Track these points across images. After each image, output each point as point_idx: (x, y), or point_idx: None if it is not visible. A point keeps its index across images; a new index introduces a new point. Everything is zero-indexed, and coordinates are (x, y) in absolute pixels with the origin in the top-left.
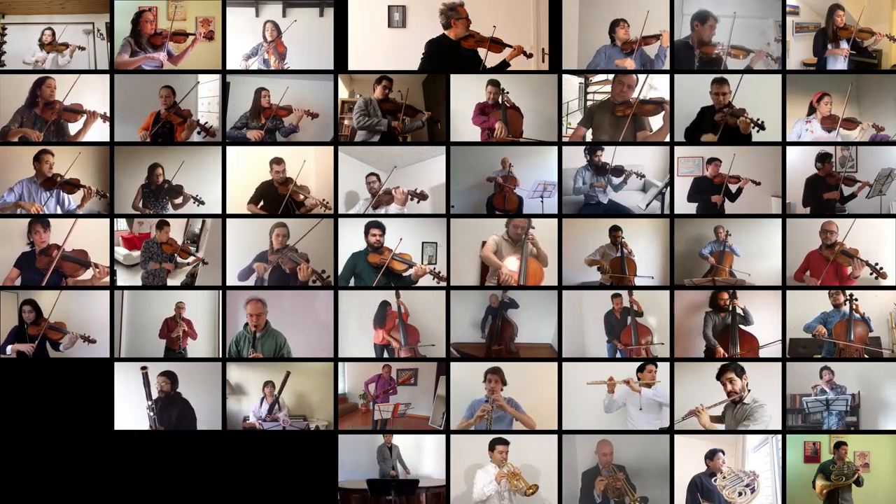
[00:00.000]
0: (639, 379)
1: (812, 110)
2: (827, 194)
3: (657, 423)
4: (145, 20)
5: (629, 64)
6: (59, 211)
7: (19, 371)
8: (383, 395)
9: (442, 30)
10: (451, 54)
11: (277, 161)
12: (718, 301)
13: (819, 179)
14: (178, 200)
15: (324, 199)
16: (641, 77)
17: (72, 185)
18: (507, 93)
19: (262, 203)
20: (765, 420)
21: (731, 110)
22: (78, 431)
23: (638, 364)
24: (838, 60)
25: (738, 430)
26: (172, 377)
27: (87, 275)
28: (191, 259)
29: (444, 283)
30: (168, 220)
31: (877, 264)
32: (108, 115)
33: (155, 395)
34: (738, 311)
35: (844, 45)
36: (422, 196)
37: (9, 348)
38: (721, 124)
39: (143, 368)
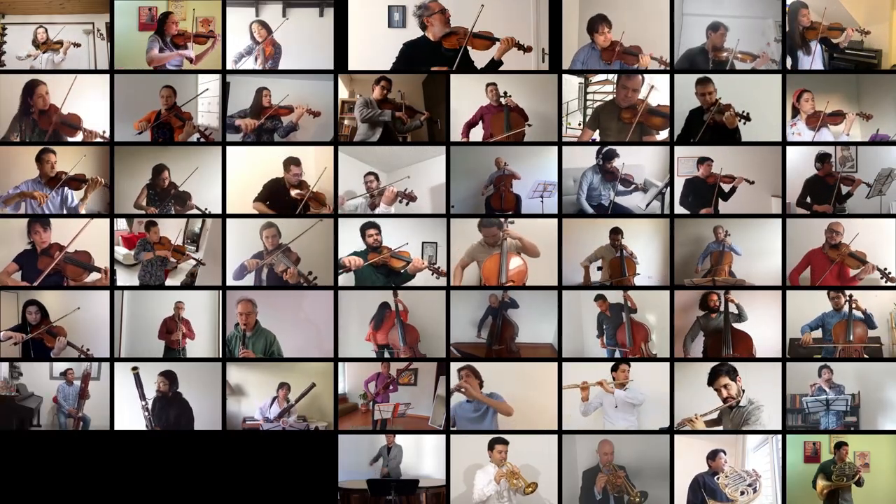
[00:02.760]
0: (613, 379)
1: (795, 112)
2: (818, 207)
3: (633, 421)
4: (171, 21)
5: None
6: (62, 209)
7: None
8: (384, 392)
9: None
10: (430, 56)
11: (296, 163)
12: (709, 302)
13: (819, 180)
14: (182, 208)
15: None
16: (645, 80)
17: (77, 181)
18: (510, 95)
19: (269, 202)
20: (762, 423)
21: (718, 107)
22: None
23: (612, 364)
24: (813, 62)
25: (738, 431)
26: (172, 377)
27: (91, 278)
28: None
29: (443, 278)
30: (156, 220)
31: (885, 269)
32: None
33: (150, 394)
34: (732, 308)
35: (807, 57)
36: (410, 197)
37: (2, 334)
38: (707, 124)
39: (134, 369)
